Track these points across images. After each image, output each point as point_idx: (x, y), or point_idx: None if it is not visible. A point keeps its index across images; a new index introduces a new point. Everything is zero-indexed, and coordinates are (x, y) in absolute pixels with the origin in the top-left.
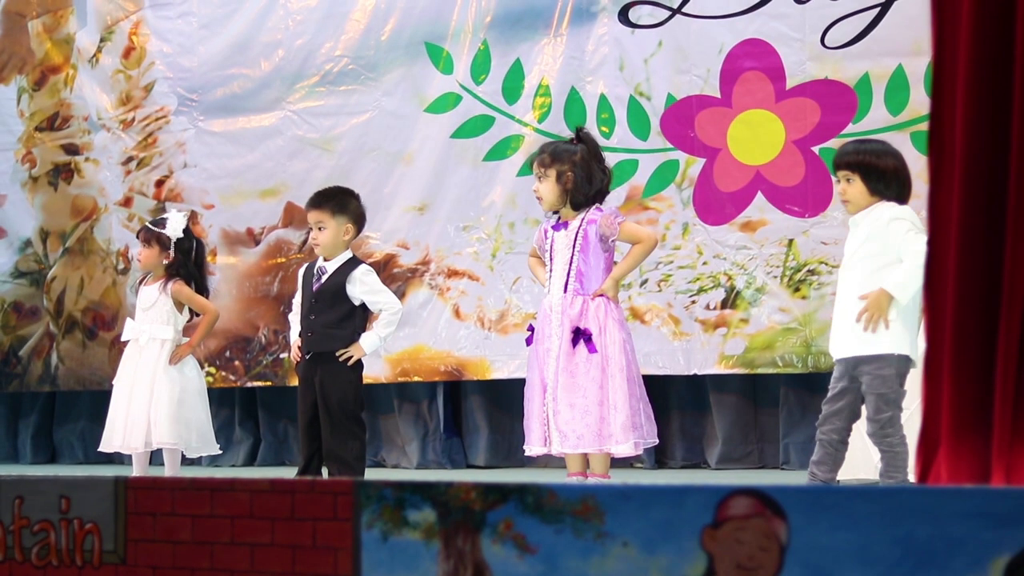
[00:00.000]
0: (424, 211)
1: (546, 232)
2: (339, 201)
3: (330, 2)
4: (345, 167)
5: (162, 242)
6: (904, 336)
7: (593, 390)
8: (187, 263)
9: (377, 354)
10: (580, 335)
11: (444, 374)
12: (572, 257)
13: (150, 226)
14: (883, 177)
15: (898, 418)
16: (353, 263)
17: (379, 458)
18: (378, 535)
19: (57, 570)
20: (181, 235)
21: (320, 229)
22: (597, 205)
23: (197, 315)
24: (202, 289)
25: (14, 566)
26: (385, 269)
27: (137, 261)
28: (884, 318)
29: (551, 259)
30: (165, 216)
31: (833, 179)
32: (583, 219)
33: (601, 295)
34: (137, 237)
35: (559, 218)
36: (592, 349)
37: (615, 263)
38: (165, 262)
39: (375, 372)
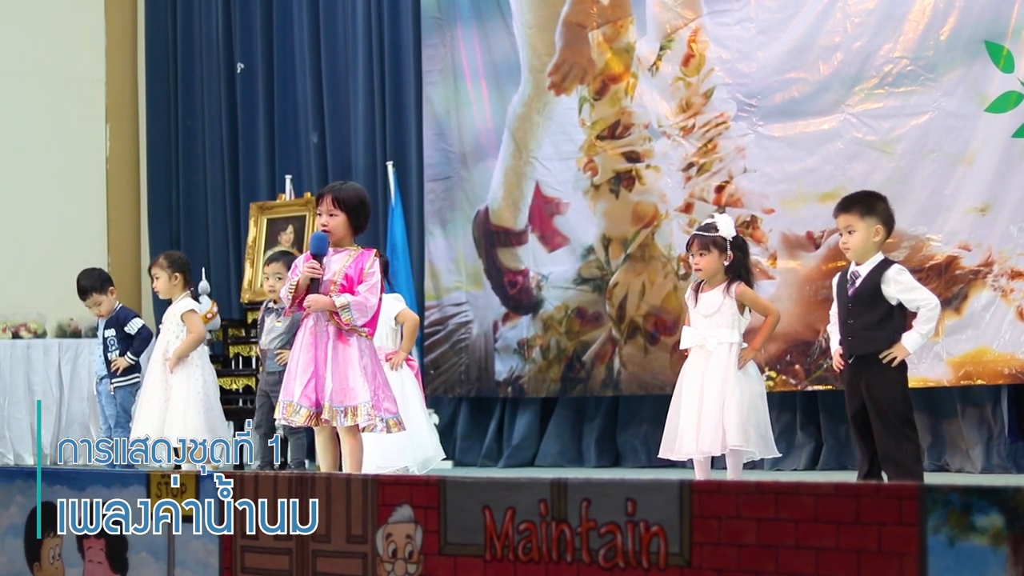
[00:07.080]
0: (986, 212)
1: None
2: (866, 204)
3: (888, 3)
4: (904, 169)
5: (719, 245)
6: None
7: None
8: (746, 261)
9: (939, 357)
10: None
11: (1008, 377)
12: None
13: (703, 233)
14: None
15: None
16: (885, 264)
17: (942, 462)
18: (944, 540)
19: (624, 571)
20: (735, 233)
21: (850, 233)
22: None
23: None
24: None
25: (581, 567)
26: (947, 271)
27: (696, 271)
28: None
29: None
30: (712, 220)
31: None
32: None
33: None
34: (688, 248)
35: None
36: None
37: None
38: (725, 263)
39: (937, 375)
